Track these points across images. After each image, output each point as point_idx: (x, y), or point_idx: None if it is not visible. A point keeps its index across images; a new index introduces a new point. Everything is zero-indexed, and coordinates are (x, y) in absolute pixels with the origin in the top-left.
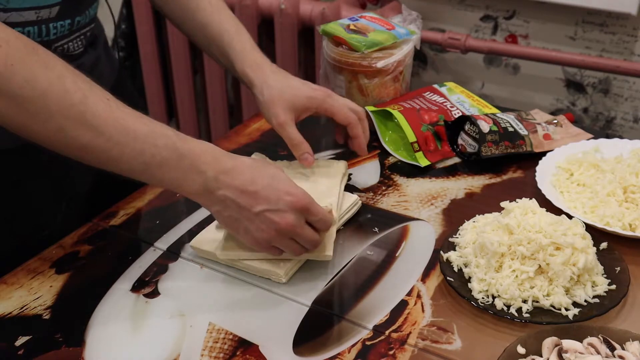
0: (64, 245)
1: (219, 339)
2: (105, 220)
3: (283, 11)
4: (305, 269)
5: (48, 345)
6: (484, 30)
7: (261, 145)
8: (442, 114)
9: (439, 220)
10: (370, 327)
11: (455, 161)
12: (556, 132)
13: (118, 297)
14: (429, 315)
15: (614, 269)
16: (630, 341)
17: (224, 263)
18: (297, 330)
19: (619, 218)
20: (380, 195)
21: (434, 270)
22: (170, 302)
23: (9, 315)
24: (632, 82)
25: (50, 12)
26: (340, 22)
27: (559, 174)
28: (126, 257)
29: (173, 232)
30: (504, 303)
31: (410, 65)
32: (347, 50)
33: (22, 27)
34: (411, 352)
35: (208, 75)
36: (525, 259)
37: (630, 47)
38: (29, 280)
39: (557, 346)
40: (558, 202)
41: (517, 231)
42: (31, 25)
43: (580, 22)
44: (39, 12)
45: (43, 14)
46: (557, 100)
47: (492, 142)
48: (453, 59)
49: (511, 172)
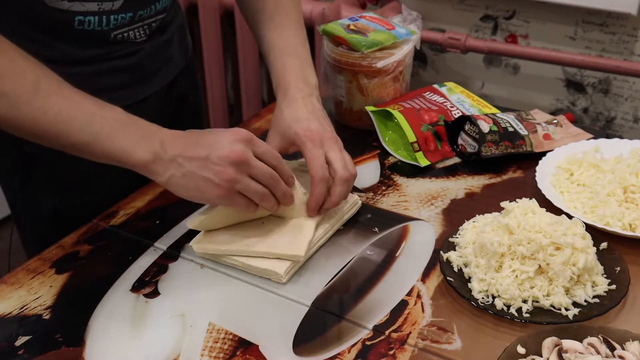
0: (64, 245)
1: (219, 339)
2: (105, 220)
3: None
4: (305, 269)
5: (48, 345)
6: (484, 30)
7: None
8: (442, 114)
9: (439, 220)
10: (370, 327)
11: (455, 161)
12: (556, 132)
13: (118, 297)
14: (429, 315)
15: (614, 269)
16: (630, 341)
17: (223, 263)
18: (297, 330)
19: (619, 218)
20: (380, 195)
21: (434, 270)
22: (170, 302)
23: (9, 315)
24: (632, 82)
25: (113, 4)
26: (340, 22)
27: (559, 174)
28: (126, 257)
29: (173, 232)
30: (504, 303)
31: (410, 65)
32: (347, 50)
33: (83, 16)
34: (411, 352)
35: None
36: (525, 259)
37: (630, 47)
38: (29, 280)
39: (557, 346)
40: (558, 202)
41: (517, 231)
42: (92, 15)
43: (580, 22)
44: (101, 5)
45: (105, 6)
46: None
47: (492, 142)
48: (453, 59)
49: (511, 172)
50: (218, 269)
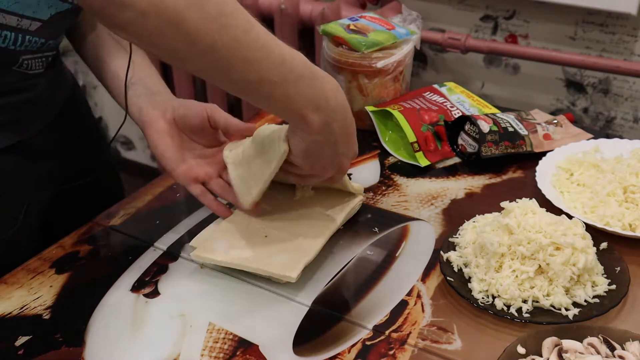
0: (64, 245)
1: (219, 339)
2: (105, 220)
3: (283, 11)
4: (305, 269)
5: (48, 345)
6: (484, 30)
7: None
8: (442, 114)
9: (439, 220)
10: (370, 327)
11: (455, 161)
12: (556, 132)
13: (118, 297)
14: (429, 315)
15: (614, 269)
16: (630, 341)
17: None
18: (297, 330)
19: (619, 218)
20: (380, 195)
21: (434, 270)
22: (170, 302)
23: (9, 315)
24: (632, 82)
25: (31, 24)
26: (340, 22)
27: (559, 174)
28: (126, 257)
29: (173, 232)
30: (504, 303)
31: (410, 65)
32: (347, 50)
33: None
34: (411, 352)
35: None
36: (525, 259)
37: (630, 47)
38: (29, 280)
39: (557, 346)
40: (558, 202)
41: (517, 231)
42: (9, 29)
43: (580, 22)
44: (21, 21)
45: (24, 24)
46: (557, 100)
47: (492, 142)
48: (453, 59)
49: (511, 172)
50: (218, 269)
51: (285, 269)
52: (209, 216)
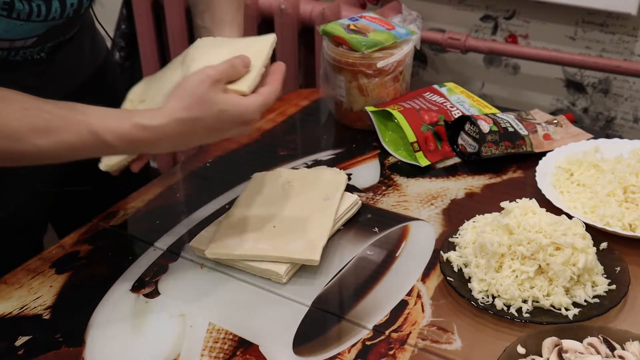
0: (64, 245)
1: (219, 339)
2: (105, 220)
3: (283, 11)
4: (305, 269)
5: (48, 345)
6: (484, 30)
7: (261, 145)
8: (442, 114)
9: (439, 220)
10: (370, 327)
11: (455, 161)
12: (556, 132)
13: (118, 297)
14: (429, 315)
15: (614, 269)
16: (630, 341)
17: (222, 262)
18: (297, 330)
19: (619, 218)
20: (380, 195)
21: (434, 270)
22: (170, 302)
23: (9, 315)
24: (632, 82)
25: (25, 42)
26: (340, 22)
27: (559, 174)
28: (126, 257)
29: (173, 232)
30: (504, 303)
31: (410, 65)
32: (347, 50)
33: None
34: (411, 352)
35: None
36: (525, 259)
37: (630, 47)
38: (29, 280)
39: (557, 346)
40: (558, 202)
41: (517, 231)
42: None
43: (580, 22)
44: (14, 43)
45: (17, 44)
46: (557, 100)
47: (492, 142)
48: (453, 59)
49: (511, 172)
50: (218, 269)
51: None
52: (209, 216)
